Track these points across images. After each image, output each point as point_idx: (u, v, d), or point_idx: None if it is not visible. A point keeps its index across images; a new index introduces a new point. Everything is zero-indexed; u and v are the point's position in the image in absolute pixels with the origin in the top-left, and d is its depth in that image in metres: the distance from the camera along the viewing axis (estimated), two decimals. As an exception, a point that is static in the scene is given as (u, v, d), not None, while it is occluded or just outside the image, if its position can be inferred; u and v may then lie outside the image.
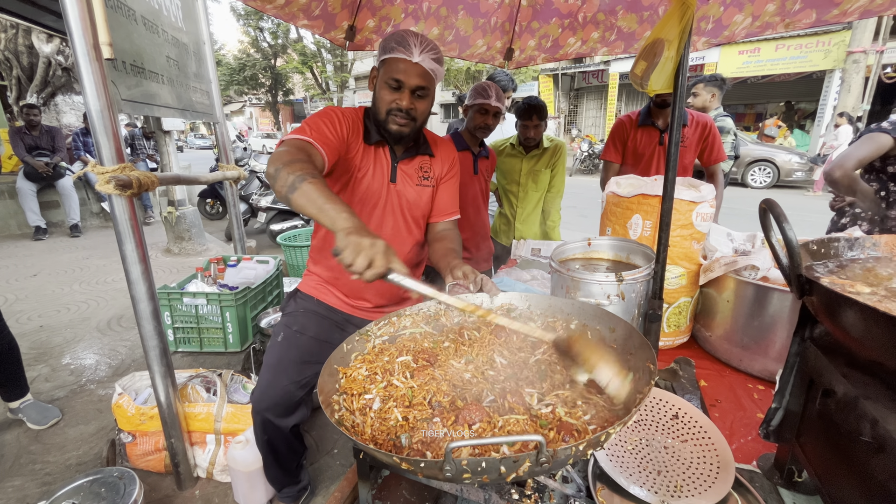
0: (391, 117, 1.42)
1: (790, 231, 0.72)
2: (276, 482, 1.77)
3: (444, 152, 1.67)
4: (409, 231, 1.62)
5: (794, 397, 1.12)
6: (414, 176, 1.59)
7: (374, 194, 1.53)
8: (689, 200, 1.62)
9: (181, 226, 5.71)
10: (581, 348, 0.88)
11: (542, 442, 0.60)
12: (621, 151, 2.90)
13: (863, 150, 2.08)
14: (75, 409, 2.60)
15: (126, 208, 1.63)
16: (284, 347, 1.52)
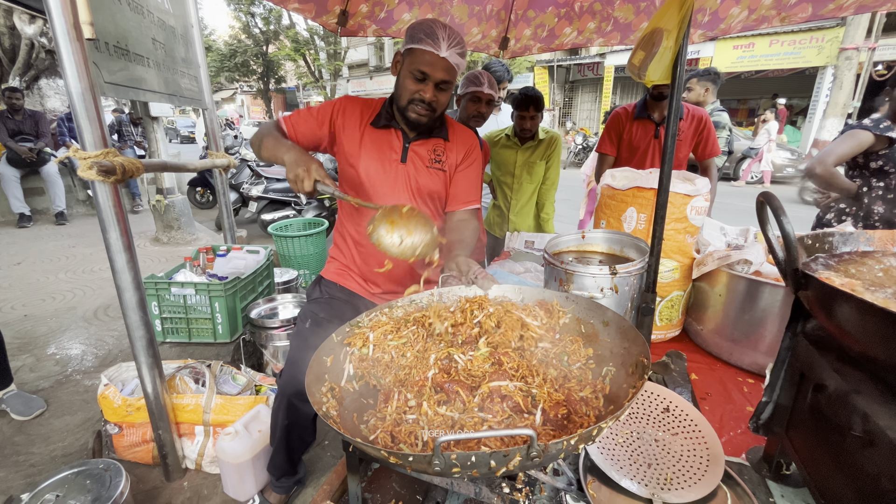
0: (412, 106, 1.46)
1: (788, 225, 0.71)
2: (277, 470, 1.76)
3: (461, 139, 1.66)
4: (425, 209, 1.63)
5: (785, 391, 1.13)
6: (426, 158, 1.59)
7: (382, 174, 1.56)
8: (684, 194, 1.61)
9: (170, 214, 5.61)
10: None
11: (533, 436, 0.59)
12: (616, 144, 2.89)
13: (844, 146, 2.10)
14: (61, 399, 2.56)
15: (110, 195, 1.58)
16: (312, 333, 1.53)
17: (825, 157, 2.09)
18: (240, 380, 2.29)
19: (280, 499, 1.84)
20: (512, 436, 0.65)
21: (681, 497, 1.07)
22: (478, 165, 1.70)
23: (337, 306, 1.63)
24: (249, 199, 6.27)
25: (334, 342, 1.02)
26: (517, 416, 0.80)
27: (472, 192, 1.68)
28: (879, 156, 2.08)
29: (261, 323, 2.53)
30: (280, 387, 1.52)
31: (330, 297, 1.66)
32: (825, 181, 2.14)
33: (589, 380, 0.98)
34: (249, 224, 6.84)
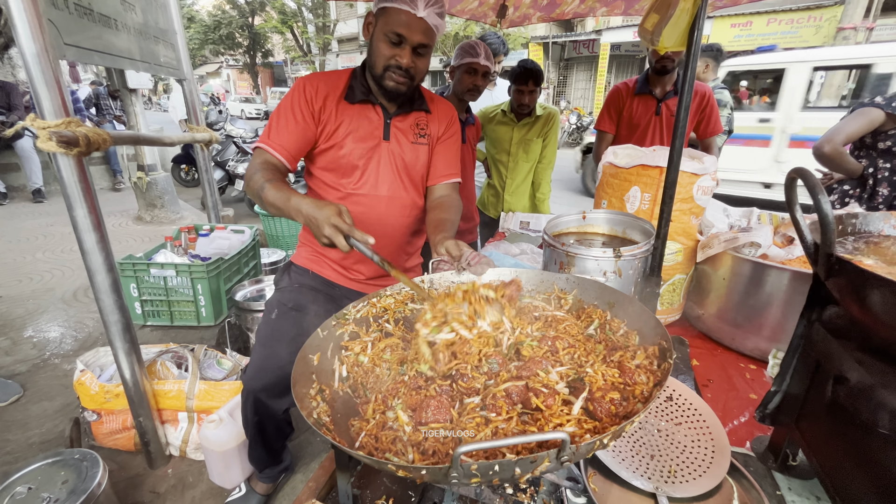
0: (388, 73, 1.32)
1: (827, 204, 0.64)
2: (259, 463, 1.70)
3: (441, 110, 1.56)
4: (406, 191, 1.52)
5: (796, 381, 1.07)
6: (409, 133, 1.48)
7: (364, 154, 1.43)
8: (691, 172, 1.53)
9: (153, 192, 5.42)
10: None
11: (566, 439, 0.52)
12: (616, 121, 2.78)
13: (853, 124, 2.01)
14: (38, 384, 2.46)
15: (74, 169, 1.45)
16: (279, 325, 1.43)
17: (834, 135, 2.01)
18: (225, 364, 2.21)
19: (267, 487, 1.78)
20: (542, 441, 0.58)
21: (686, 490, 1.03)
22: (457, 137, 1.60)
23: (308, 295, 1.50)
24: (236, 177, 6.08)
25: (320, 338, 0.93)
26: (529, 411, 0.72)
27: (453, 165, 1.58)
28: (889, 135, 2.00)
29: (247, 305, 2.44)
30: (245, 382, 1.41)
31: (300, 286, 1.52)
32: (833, 161, 2.07)
33: (636, 344, 0.90)
34: (236, 203, 6.66)
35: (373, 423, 0.73)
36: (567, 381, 0.80)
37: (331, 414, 0.78)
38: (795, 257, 1.54)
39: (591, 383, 0.77)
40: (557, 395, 0.75)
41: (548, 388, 0.76)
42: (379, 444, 0.68)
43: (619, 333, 0.95)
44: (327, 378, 0.88)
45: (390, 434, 0.69)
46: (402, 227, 1.54)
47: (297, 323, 1.41)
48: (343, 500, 0.96)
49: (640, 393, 0.74)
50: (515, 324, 0.95)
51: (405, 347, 0.95)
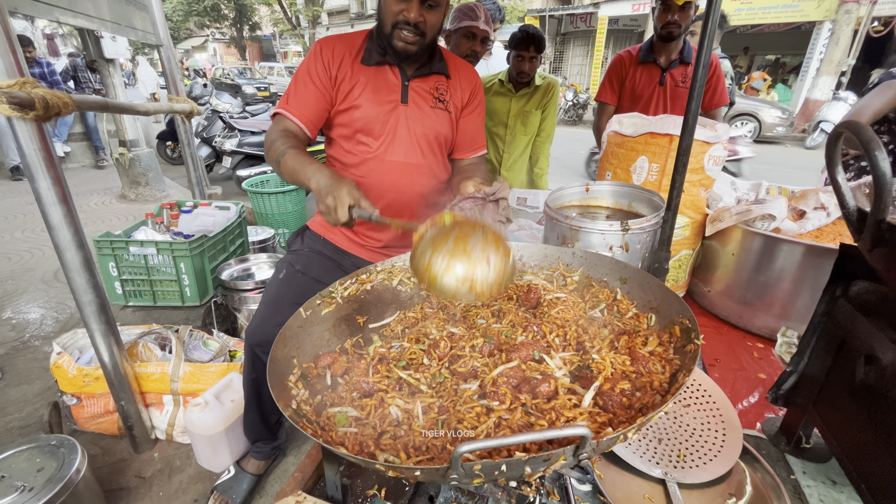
0: (397, 31, 1.27)
1: (885, 162, 0.55)
2: (253, 431, 1.63)
3: (464, 77, 1.48)
4: (424, 156, 1.45)
5: (816, 361, 1.01)
6: (428, 97, 1.42)
7: (380, 119, 1.38)
8: (703, 141, 1.43)
9: (136, 169, 5.22)
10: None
11: (587, 435, 0.44)
12: (618, 91, 2.65)
13: (880, 99, 1.86)
14: (17, 367, 2.37)
15: (33, 136, 1.32)
16: (284, 285, 1.42)
17: (861, 111, 1.86)
18: (212, 345, 2.12)
19: (258, 466, 1.72)
20: (559, 438, 0.49)
21: (696, 476, 0.97)
22: (482, 107, 1.54)
23: (317, 261, 1.48)
24: (223, 154, 5.87)
25: (303, 318, 0.84)
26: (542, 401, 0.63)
27: (480, 138, 1.54)
28: None
29: (233, 285, 2.33)
30: (246, 336, 1.40)
31: (311, 251, 1.51)
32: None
33: (647, 328, 0.81)
34: (225, 181, 6.45)
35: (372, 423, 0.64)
36: (570, 368, 0.72)
37: (312, 402, 0.69)
38: (807, 231, 1.47)
39: (598, 371, 0.69)
40: (553, 381, 0.66)
41: (543, 376, 0.68)
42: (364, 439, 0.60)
43: (628, 316, 0.86)
44: (311, 355, 0.80)
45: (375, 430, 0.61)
46: (419, 195, 1.48)
47: (299, 286, 1.40)
48: (331, 491, 0.89)
49: (657, 385, 0.65)
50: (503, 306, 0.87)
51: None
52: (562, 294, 0.90)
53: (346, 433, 0.61)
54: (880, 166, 0.55)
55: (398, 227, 0.97)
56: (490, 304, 0.94)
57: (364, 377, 0.74)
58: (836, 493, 0.97)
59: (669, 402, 0.53)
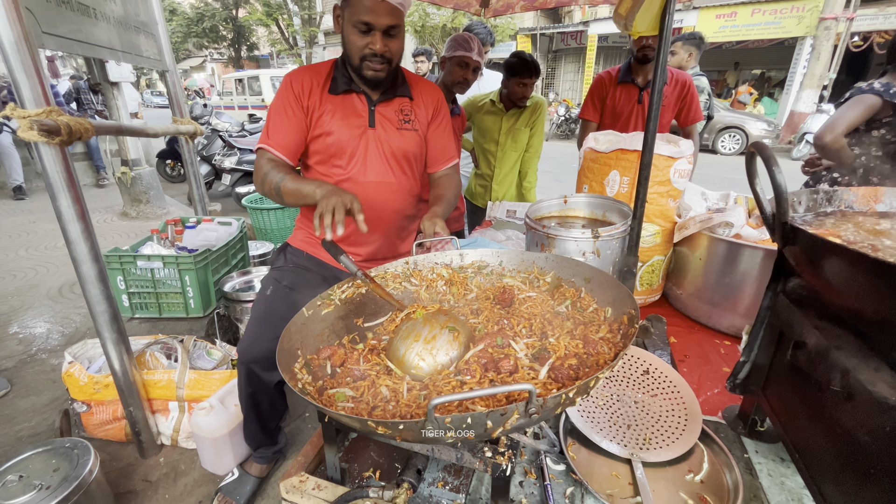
0: (366, 63, 1.36)
1: (780, 176, 0.68)
2: (254, 440, 1.72)
3: (426, 95, 1.57)
4: (395, 176, 1.54)
5: (763, 350, 1.13)
6: (394, 119, 1.51)
7: (351, 143, 1.46)
8: (668, 156, 1.58)
9: (138, 188, 5.35)
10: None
11: (533, 391, 0.56)
12: (600, 109, 2.82)
13: (853, 112, 1.96)
14: (25, 379, 2.45)
15: (57, 159, 1.45)
16: (272, 301, 1.48)
17: (835, 124, 1.94)
18: (215, 354, 2.22)
19: (261, 469, 1.81)
20: (509, 392, 0.61)
21: (659, 456, 1.08)
22: (448, 120, 1.63)
23: (302, 275, 1.55)
24: (222, 172, 6.02)
25: (305, 316, 0.96)
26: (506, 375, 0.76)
27: (449, 149, 1.62)
28: (883, 123, 1.98)
29: (235, 296, 2.45)
30: (239, 354, 1.46)
31: (295, 266, 1.58)
32: (833, 151, 2.01)
33: (602, 320, 0.95)
34: (224, 198, 6.59)
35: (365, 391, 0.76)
36: (532, 351, 0.85)
37: (314, 384, 0.81)
38: (768, 237, 1.60)
39: (553, 351, 0.82)
40: (513, 358, 0.80)
41: (506, 356, 0.81)
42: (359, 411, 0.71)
43: (590, 310, 0.99)
44: (313, 348, 0.92)
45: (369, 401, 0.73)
46: (393, 211, 1.57)
47: (289, 300, 1.47)
48: (331, 472, 1.00)
49: (602, 362, 0.78)
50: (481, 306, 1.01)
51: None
52: (533, 293, 1.03)
53: (343, 406, 0.72)
54: (777, 180, 0.68)
55: (388, 301, 1.07)
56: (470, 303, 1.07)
57: (357, 366, 0.86)
58: (783, 468, 1.08)
59: (605, 371, 0.65)
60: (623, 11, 1.27)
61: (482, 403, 0.66)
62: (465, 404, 0.66)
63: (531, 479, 1.04)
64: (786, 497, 1.00)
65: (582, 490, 1.01)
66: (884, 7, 12.01)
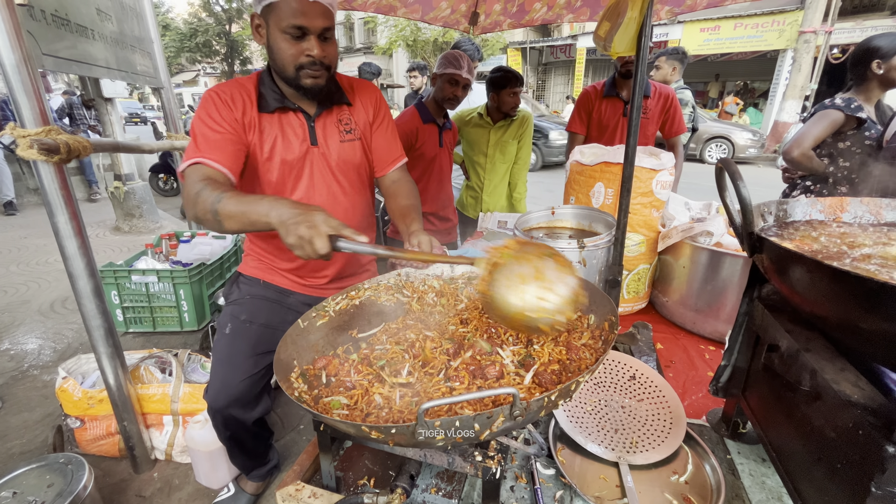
0: (304, 72, 1.21)
1: (744, 189, 0.73)
2: (244, 467, 1.71)
3: (363, 95, 1.45)
4: (346, 194, 1.44)
5: (742, 354, 1.18)
6: (335, 132, 1.38)
7: (294, 164, 1.33)
8: (650, 168, 1.64)
9: (130, 202, 5.36)
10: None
11: (516, 394, 0.59)
12: (586, 122, 2.90)
13: (818, 127, 2.12)
14: (17, 396, 2.44)
15: (55, 177, 1.48)
16: (233, 340, 1.38)
17: (802, 139, 2.10)
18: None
19: (256, 487, 1.81)
20: (495, 396, 0.65)
21: (645, 458, 1.12)
22: (390, 118, 1.50)
23: (261, 306, 1.43)
24: (215, 185, 6.04)
25: (300, 328, 0.99)
26: (493, 381, 0.80)
27: (395, 149, 1.50)
28: (847, 136, 2.11)
29: (230, 310, 2.46)
30: (210, 403, 1.37)
31: (251, 297, 1.45)
32: (801, 164, 2.16)
33: (585, 327, 0.99)
34: (217, 211, 6.60)
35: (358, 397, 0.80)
36: (518, 358, 0.89)
37: (310, 393, 0.84)
38: (748, 245, 1.67)
39: (537, 358, 0.86)
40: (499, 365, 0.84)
41: (493, 363, 0.85)
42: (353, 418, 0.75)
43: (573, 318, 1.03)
44: (308, 359, 0.95)
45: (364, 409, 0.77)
46: (352, 226, 1.53)
47: (249, 337, 1.38)
48: (326, 481, 1.02)
49: (584, 367, 0.82)
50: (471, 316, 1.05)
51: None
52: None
53: (338, 413, 0.76)
54: (742, 193, 0.74)
55: (428, 260, 0.95)
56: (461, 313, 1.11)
57: (348, 377, 0.89)
58: (764, 468, 1.12)
59: (586, 375, 0.69)
60: (602, 33, 1.34)
61: (470, 407, 0.70)
62: (454, 408, 0.70)
63: (522, 484, 1.07)
64: (766, 496, 1.04)
65: (571, 493, 1.04)
66: (860, 21, 12.44)
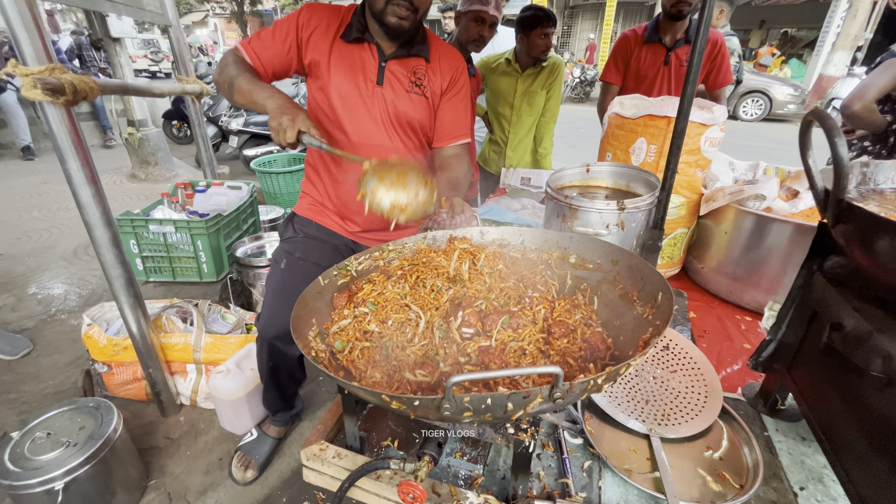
0: (390, 8, 1.23)
1: (843, 148, 0.62)
2: (272, 406, 1.77)
3: (445, 61, 1.44)
4: (394, 141, 1.43)
5: (792, 330, 1.09)
6: (405, 80, 1.38)
7: (354, 98, 1.35)
8: (700, 123, 1.49)
9: (145, 149, 5.29)
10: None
11: (559, 374, 0.53)
12: (623, 72, 2.67)
13: (884, 78, 1.88)
14: (47, 339, 2.51)
15: (63, 120, 1.41)
16: (287, 274, 1.44)
17: (864, 91, 1.86)
18: (229, 319, 2.24)
19: (279, 431, 1.87)
20: (534, 375, 0.59)
21: (678, 432, 1.08)
22: (466, 92, 1.49)
23: (313, 246, 1.50)
24: (229, 133, 5.92)
25: (321, 285, 0.93)
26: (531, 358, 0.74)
27: (462, 125, 1.49)
28: None
29: (248, 262, 2.45)
30: (260, 331, 1.45)
31: (305, 236, 1.53)
32: (862, 118, 1.92)
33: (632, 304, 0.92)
34: (231, 160, 6.52)
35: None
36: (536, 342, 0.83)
37: (328, 353, 0.80)
38: (799, 211, 1.53)
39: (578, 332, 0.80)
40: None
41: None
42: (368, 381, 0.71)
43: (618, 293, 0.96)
44: (327, 319, 0.91)
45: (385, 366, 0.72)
46: None
47: (304, 272, 1.42)
48: (350, 441, 1.01)
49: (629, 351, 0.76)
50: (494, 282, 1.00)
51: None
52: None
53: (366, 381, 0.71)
54: (839, 152, 0.62)
55: (346, 157, 1.09)
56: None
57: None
58: (804, 447, 1.07)
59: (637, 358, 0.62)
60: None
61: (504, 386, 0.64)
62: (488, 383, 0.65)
63: (549, 452, 1.05)
64: (805, 476, 1.00)
65: (600, 464, 1.02)
66: (931, -40, 11.12)
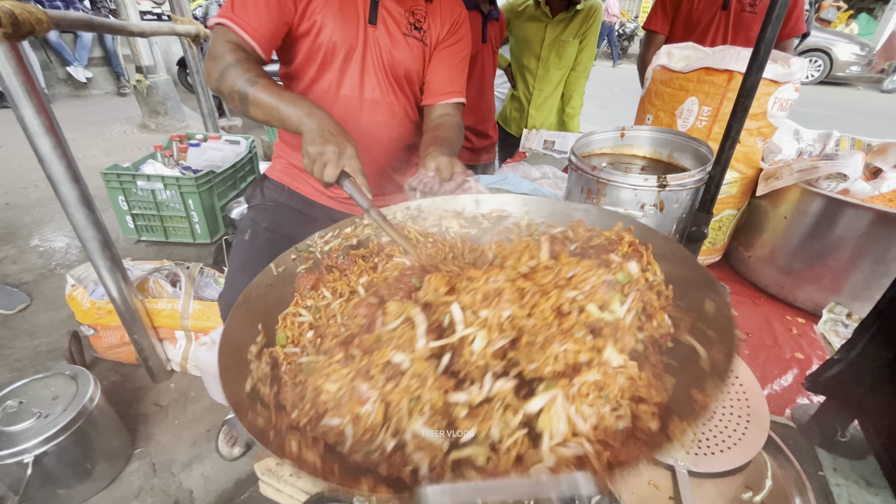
0: None
1: None
2: None
3: (444, 6, 1.24)
4: (396, 97, 1.24)
5: (873, 350, 0.87)
6: (402, 22, 1.18)
7: (344, 45, 1.14)
8: (771, 79, 1.19)
9: (154, 97, 5.11)
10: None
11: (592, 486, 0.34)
12: (671, 18, 2.28)
13: None
14: (44, 294, 2.46)
15: (9, 58, 1.21)
16: (251, 247, 1.25)
17: None
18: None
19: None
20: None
21: (711, 465, 0.88)
22: (465, 45, 1.29)
23: (285, 215, 1.31)
24: (241, 83, 5.65)
25: (273, 275, 0.74)
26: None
27: (456, 81, 1.28)
28: None
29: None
30: (222, 310, 1.28)
31: (275, 204, 1.33)
32: None
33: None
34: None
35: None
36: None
37: (272, 387, 0.59)
38: (881, 192, 1.25)
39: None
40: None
41: None
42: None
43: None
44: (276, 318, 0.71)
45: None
46: (392, 139, 1.29)
47: (270, 247, 1.24)
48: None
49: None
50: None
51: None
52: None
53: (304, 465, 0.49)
54: None
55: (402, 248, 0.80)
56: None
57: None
58: (869, 495, 0.87)
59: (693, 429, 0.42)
60: None
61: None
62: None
63: (550, 480, 0.88)
64: (871, 534, 0.81)
65: (611, 501, 0.84)
66: None
